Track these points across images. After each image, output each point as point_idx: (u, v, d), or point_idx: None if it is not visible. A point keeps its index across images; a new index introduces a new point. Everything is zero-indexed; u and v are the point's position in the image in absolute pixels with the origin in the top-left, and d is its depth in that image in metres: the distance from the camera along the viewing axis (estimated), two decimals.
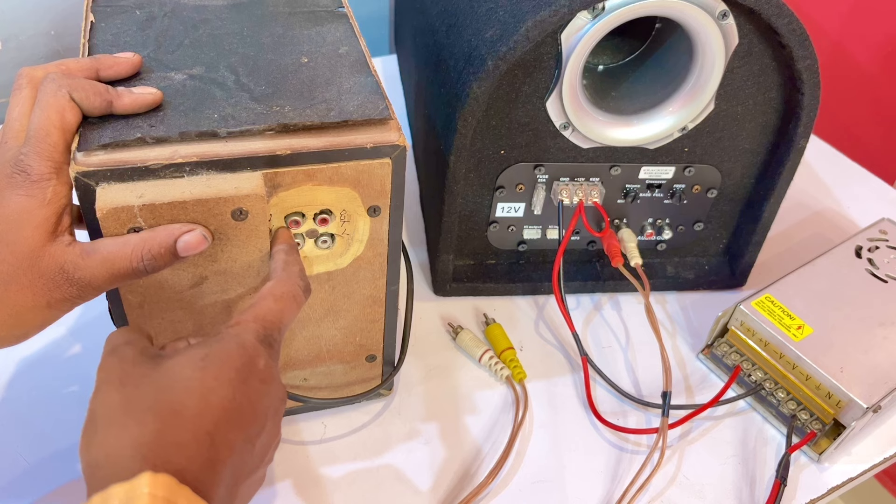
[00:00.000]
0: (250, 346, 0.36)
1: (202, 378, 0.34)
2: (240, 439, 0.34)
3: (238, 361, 0.35)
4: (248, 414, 0.35)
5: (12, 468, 0.51)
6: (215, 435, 0.33)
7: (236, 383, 0.34)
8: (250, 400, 0.35)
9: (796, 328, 0.57)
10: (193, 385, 0.33)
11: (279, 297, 0.39)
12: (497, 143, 0.58)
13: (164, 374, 0.34)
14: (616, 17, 0.51)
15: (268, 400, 0.36)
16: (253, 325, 0.37)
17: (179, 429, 0.32)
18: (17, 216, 0.36)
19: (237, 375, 0.34)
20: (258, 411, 0.35)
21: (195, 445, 0.32)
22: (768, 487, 0.53)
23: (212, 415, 0.33)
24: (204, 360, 0.34)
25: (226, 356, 0.35)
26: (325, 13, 0.51)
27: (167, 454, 0.31)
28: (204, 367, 0.34)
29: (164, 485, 0.30)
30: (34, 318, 0.38)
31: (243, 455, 0.34)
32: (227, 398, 0.34)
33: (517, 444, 0.55)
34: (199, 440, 0.32)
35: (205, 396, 0.33)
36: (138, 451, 0.31)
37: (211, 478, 0.32)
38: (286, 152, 0.40)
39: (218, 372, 0.34)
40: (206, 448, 0.32)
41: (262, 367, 0.36)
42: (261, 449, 0.36)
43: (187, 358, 0.35)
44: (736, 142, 0.61)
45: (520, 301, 0.66)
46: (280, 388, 0.37)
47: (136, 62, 0.43)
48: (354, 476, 0.52)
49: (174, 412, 0.32)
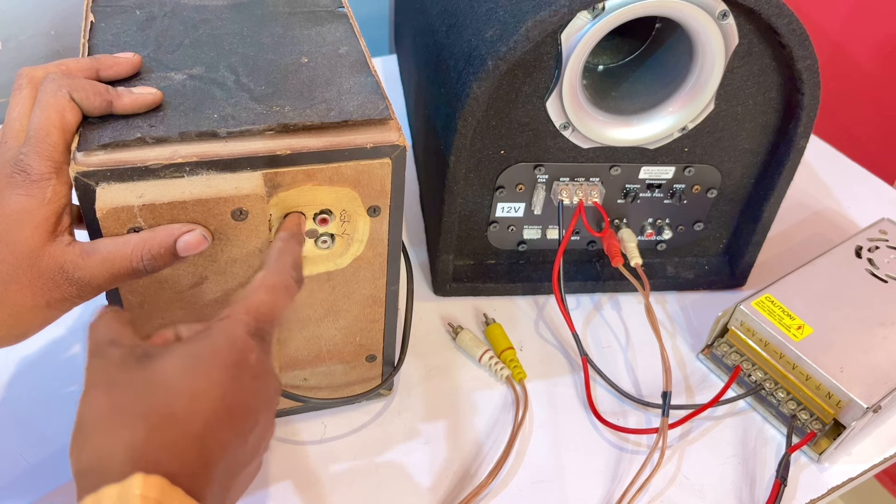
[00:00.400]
0: (241, 341, 0.35)
1: (192, 379, 0.33)
2: (232, 437, 0.33)
3: (229, 358, 0.34)
4: (240, 411, 0.34)
5: (12, 468, 0.51)
6: (207, 435, 0.32)
7: (227, 382, 0.33)
8: (242, 397, 0.34)
9: (796, 328, 0.57)
10: (183, 386, 0.33)
11: (271, 288, 0.38)
12: (497, 143, 0.58)
13: (153, 375, 0.33)
14: (616, 17, 0.51)
15: (260, 395, 0.35)
16: (244, 317, 0.36)
17: (170, 431, 0.32)
18: (17, 216, 0.36)
19: (228, 374, 0.34)
20: (250, 408, 0.34)
21: (186, 447, 0.32)
22: (768, 487, 0.53)
23: (203, 416, 0.32)
24: (194, 360, 0.34)
25: (216, 354, 0.34)
26: (325, 13, 0.51)
27: (158, 456, 0.31)
28: (194, 367, 0.33)
29: (155, 486, 0.30)
30: (34, 318, 0.38)
31: (236, 452, 0.34)
32: (218, 398, 0.33)
33: (517, 444, 0.55)
34: (190, 442, 0.32)
35: (195, 397, 0.33)
36: (129, 454, 0.31)
37: (204, 478, 0.32)
38: (286, 152, 0.40)
39: (208, 371, 0.33)
40: (198, 449, 0.32)
41: (254, 361, 0.35)
42: (254, 443, 0.35)
43: (176, 357, 0.34)
44: (736, 142, 0.61)
45: (520, 301, 0.66)
46: (273, 381, 0.37)
47: (136, 62, 0.43)
48: (354, 476, 0.52)
49: (164, 415, 0.32)
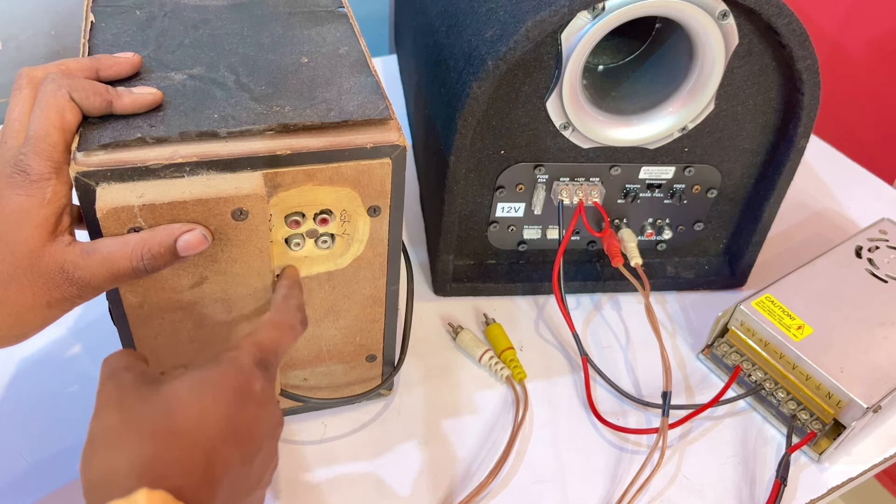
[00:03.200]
0: (247, 369, 0.37)
1: (199, 399, 0.34)
2: (236, 458, 0.35)
3: (234, 383, 0.36)
4: (245, 434, 0.35)
5: (12, 468, 0.51)
6: (211, 453, 0.33)
7: (233, 405, 0.35)
8: (247, 421, 0.35)
9: (796, 328, 0.57)
10: (190, 406, 0.34)
11: (277, 326, 0.40)
12: (497, 143, 0.58)
13: (162, 396, 0.35)
14: (616, 17, 0.51)
15: (264, 422, 0.37)
16: (250, 349, 0.38)
17: (176, 448, 0.33)
18: (17, 216, 0.36)
19: (234, 397, 0.35)
20: (254, 432, 0.36)
21: (191, 463, 0.33)
22: (768, 487, 0.53)
23: (208, 434, 0.34)
24: (201, 383, 0.35)
25: (222, 378, 0.36)
26: (325, 13, 0.51)
27: (164, 472, 0.32)
28: (201, 389, 0.35)
29: (160, 501, 0.30)
30: (34, 318, 0.38)
31: (240, 474, 0.35)
32: (224, 419, 0.34)
33: (517, 444, 0.55)
34: (195, 458, 0.33)
35: (201, 416, 0.34)
36: (135, 469, 0.32)
37: (207, 495, 0.33)
38: (286, 152, 0.40)
39: (215, 393, 0.35)
40: (203, 466, 0.33)
41: (259, 389, 0.36)
42: (258, 469, 0.37)
43: (184, 381, 0.35)
44: (736, 142, 0.61)
45: (520, 301, 0.66)
46: (277, 412, 0.38)
47: (136, 62, 0.43)
48: (354, 476, 0.52)
49: (171, 432, 0.33)
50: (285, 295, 0.43)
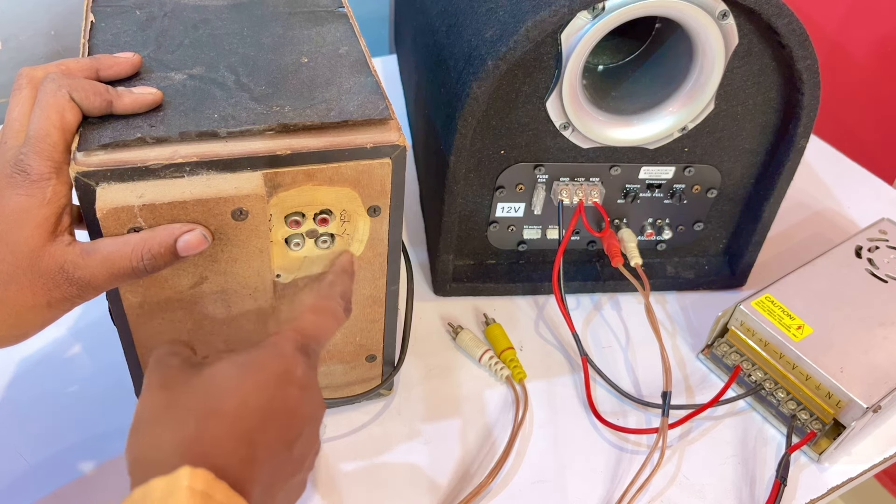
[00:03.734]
0: (289, 354, 0.37)
1: (241, 382, 0.35)
2: (277, 442, 0.35)
3: (277, 368, 0.36)
4: (286, 418, 0.36)
5: (12, 468, 0.51)
6: (253, 435, 0.34)
7: (274, 388, 0.35)
8: (288, 405, 0.36)
9: (796, 328, 0.57)
10: (233, 388, 0.35)
11: (321, 311, 0.40)
12: (497, 143, 0.58)
13: (206, 378, 0.35)
14: (616, 17, 0.51)
15: (306, 406, 0.37)
16: (292, 334, 0.38)
17: (218, 428, 0.33)
18: (17, 216, 0.36)
19: (275, 381, 0.35)
20: (295, 416, 0.36)
21: (233, 444, 0.33)
22: (768, 487, 0.53)
23: (250, 416, 0.34)
24: (243, 366, 0.36)
25: (265, 363, 0.36)
26: (325, 13, 0.51)
27: (206, 451, 0.32)
28: (243, 372, 0.35)
29: (202, 479, 0.31)
30: (34, 318, 0.38)
31: (281, 457, 0.35)
32: (266, 401, 0.35)
33: (517, 444, 0.55)
34: (237, 439, 0.33)
35: (243, 399, 0.34)
36: (178, 447, 0.32)
37: (248, 475, 0.33)
38: (286, 152, 0.40)
39: (257, 377, 0.35)
40: (244, 447, 0.33)
41: (300, 374, 0.37)
42: (299, 454, 0.37)
43: (227, 364, 0.36)
44: (736, 142, 0.61)
45: (520, 301, 0.66)
46: (318, 397, 0.38)
47: (135, 62, 0.43)
48: (354, 476, 0.52)
49: (214, 412, 0.34)
50: (331, 282, 0.43)
